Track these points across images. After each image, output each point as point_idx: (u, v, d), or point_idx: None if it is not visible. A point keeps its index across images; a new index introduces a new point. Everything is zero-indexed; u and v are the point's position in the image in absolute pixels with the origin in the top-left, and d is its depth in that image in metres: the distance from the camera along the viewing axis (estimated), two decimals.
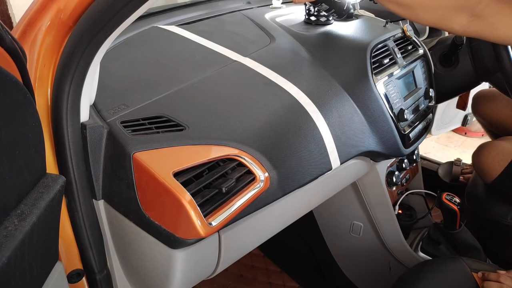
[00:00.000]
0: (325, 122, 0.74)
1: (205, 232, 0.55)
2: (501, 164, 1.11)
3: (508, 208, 1.12)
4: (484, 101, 1.36)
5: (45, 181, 0.46)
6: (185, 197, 0.53)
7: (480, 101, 1.39)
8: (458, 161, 1.60)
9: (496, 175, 1.12)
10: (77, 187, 0.59)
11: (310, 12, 1.00)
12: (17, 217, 0.40)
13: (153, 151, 0.57)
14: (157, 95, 0.68)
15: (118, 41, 0.85)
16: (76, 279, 0.65)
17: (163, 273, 0.61)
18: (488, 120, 1.38)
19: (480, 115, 1.40)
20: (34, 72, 0.54)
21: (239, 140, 0.63)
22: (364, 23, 1.03)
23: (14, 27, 0.59)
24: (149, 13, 0.99)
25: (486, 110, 1.36)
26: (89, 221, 0.62)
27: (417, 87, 1.01)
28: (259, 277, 1.42)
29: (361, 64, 0.84)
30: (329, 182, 0.84)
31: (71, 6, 0.53)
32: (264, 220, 0.72)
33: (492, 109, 1.34)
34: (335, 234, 1.21)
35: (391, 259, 1.14)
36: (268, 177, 0.63)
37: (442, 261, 0.86)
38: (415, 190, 1.25)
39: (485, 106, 1.36)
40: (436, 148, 2.39)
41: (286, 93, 0.75)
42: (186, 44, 0.86)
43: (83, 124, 0.58)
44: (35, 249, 0.43)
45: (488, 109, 1.35)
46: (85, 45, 0.51)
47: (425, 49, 1.08)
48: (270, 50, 0.87)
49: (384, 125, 0.85)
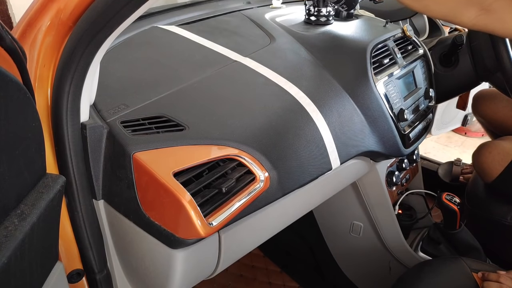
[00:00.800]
0: (325, 122, 0.74)
1: (205, 232, 0.55)
2: (501, 164, 1.11)
3: (508, 208, 1.12)
4: (484, 101, 1.37)
5: (45, 181, 0.46)
6: (185, 197, 0.53)
7: (480, 101, 1.39)
8: (458, 161, 1.60)
9: (496, 175, 1.12)
10: (77, 187, 0.59)
11: (310, 12, 1.00)
12: (17, 217, 0.40)
13: (153, 151, 0.57)
14: (157, 95, 0.68)
15: (118, 41, 0.85)
16: (76, 279, 0.65)
17: (163, 273, 0.61)
18: (488, 120, 1.38)
19: (480, 115, 1.40)
20: (34, 72, 0.54)
21: (239, 140, 0.63)
22: (364, 23, 1.03)
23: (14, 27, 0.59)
24: (149, 13, 0.99)
25: (486, 110, 1.36)
26: (89, 221, 0.62)
27: (417, 87, 1.01)
28: (259, 277, 1.42)
29: (361, 64, 0.84)
30: (329, 182, 0.84)
31: (71, 6, 0.53)
32: (264, 220, 0.72)
33: (492, 109, 1.34)
34: (335, 234, 1.21)
35: (391, 259, 1.14)
36: (268, 177, 0.63)
37: (442, 261, 0.86)
38: (415, 190, 1.25)
39: (485, 106, 1.36)
40: (436, 148, 2.39)
41: (286, 93, 0.75)
42: (186, 44, 0.86)
43: (83, 124, 0.58)
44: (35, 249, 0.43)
45: (488, 109, 1.35)
46: (85, 45, 0.51)
47: (425, 49, 1.08)
48: (270, 50, 0.87)
49: (384, 125, 0.85)
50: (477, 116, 1.43)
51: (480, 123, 1.48)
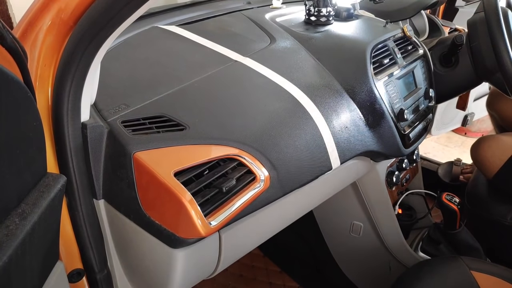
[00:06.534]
0: (325, 122, 0.74)
1: (205, 231, 0.55)
2: (501, 158, 1.10)
3: (508, 208, 1.12)
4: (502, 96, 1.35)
5: (46, 180, 0.46)
6: (186, 196, 0.54)
7: (497, 96, 1.37)
8: (458, 161, 1.60)
9: (496, 169, 1.11)
10: (78, 186, 0.59)
11: (310, 12, 1.00)
12: (18, 216, 0.40)
13: (154, 151, 0.57)
14: (158, 94, 0.68)
15: (118, 41, 0.85)
16: (76, 278, 0.65)
17: (163, 272, 0.61)
18: (502, 116, 1.36)
19: (495, 110, 1.39)
20: (35, 72, 0.55)
21: (239, 139, 0.63)
22: (364, 23, 1.03)
23: (15, 27, 0.59)
24: (149, 13, 0.99)
25: (503, 105, 1.34)
26: (89, 221, 0.62)
27: (417, 87, 1.01)
28: (259, 277, 1.42)
29: (361, 64, 0.84)
30: (329, 182, 0.84)
31: (72, 5, 0.53)
32: (264, 220, 0.72)
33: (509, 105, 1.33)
34: (335, 234, 1.21)
35: (391, 259, 1.14)
36: (268, 177, 0.64)
37: (441, 261, 0.86)
38: (415, 190, 1.25)
39: (502, 101, 1.35)
40: (436, 148, 2.39)
41: (286, 93, 0.75)
42: (186, 44, 0.87)
43: (84, 124, 0.58)
44: (36, 248, 0.43)
45: (505, 105, 1.34)
46: (86, 44, 0.51)
47: (425, 49, 1.08)
48: (270, 50, 0.87)
49: (384, 125, 0.85)
50: (491, 111, 1.42)
51: (492, 117, 1.46)
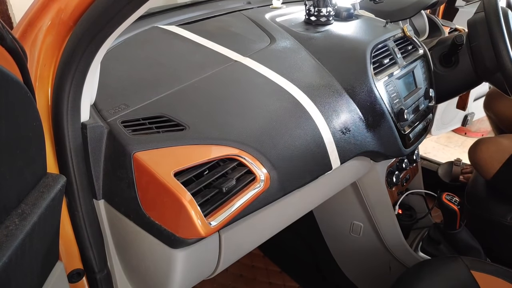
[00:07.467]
0: (325, 122, 0.74)
1: (205, 231, 0.55)
2: (499, 160, 1.11)
3: (508, 208, 1.12)
4: (499, 97, 1.35)
5: (45, 180, 0.46)
6: (186, 196, 0.54)
7: (495, 97, 1.37)
8: (458, 161, 1.60)
9: (495, 171, 1.11)
10: (78, 186, 0.59)
11: (310, 12, 1.00)
12: (18, 217, 0.40)
13: (154, 151, 0.57)
14: (158, 95, 0.68)
15: (118, 41, 0.85)
16: (76, 278, 0.65)
17: (163, 272, 0.61)
18: (500, 117, 1.36)
19: (493, 111, 1.39)
20: (35, 72, 0.55)
21: (239, 140, 0.63)
22: (364, 23, 1.03)
23: (14, 27, 0.59)
24: (149, 13, 0.99)
25: (501, 106, 1.34)
26: (89, 221, 0.62)
27: (417, 87, 1.01)
28: (259, 277, 1.42)
29: (361, 64, 0.84)
30: (329, 182, 0.84)
31: (72, 5, 0.53)
32: (264, 220, 0.72)
33: (507, 106, 1.33)
34: (335, 234, 1.21)
35: (391, 259, 1.14)
36: (268, 177, 0.64)
37: (441, 261, 0.86)
38: (415, 190, 1.25)
39: (499, 102, 1.35)
40: (436, 148, 2.39)
41: (286, 93, 0.75)
42: (186, 44, 0.86)
43: (84, 124, 0.58)
44: (36, 248, 0.43)
45: (502, 106, 1.34)
46: (86, 44, 0.51)
47: (425, 49, 1.08)
48: (270, 50, 0.87)
49: (384, 125, 0.85)
50: (489, 112, 1.42)
51: (490, 119, 1.46)
